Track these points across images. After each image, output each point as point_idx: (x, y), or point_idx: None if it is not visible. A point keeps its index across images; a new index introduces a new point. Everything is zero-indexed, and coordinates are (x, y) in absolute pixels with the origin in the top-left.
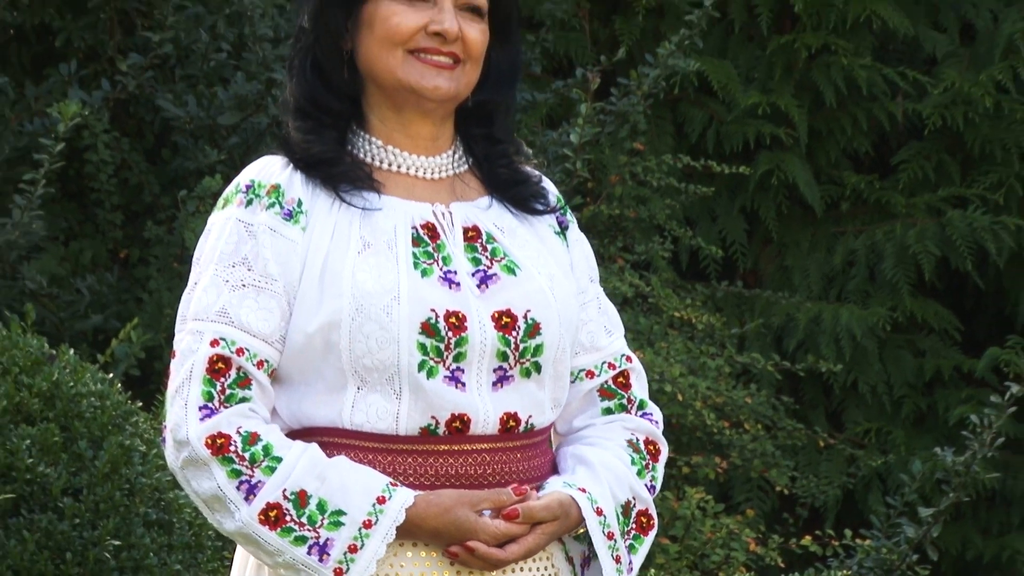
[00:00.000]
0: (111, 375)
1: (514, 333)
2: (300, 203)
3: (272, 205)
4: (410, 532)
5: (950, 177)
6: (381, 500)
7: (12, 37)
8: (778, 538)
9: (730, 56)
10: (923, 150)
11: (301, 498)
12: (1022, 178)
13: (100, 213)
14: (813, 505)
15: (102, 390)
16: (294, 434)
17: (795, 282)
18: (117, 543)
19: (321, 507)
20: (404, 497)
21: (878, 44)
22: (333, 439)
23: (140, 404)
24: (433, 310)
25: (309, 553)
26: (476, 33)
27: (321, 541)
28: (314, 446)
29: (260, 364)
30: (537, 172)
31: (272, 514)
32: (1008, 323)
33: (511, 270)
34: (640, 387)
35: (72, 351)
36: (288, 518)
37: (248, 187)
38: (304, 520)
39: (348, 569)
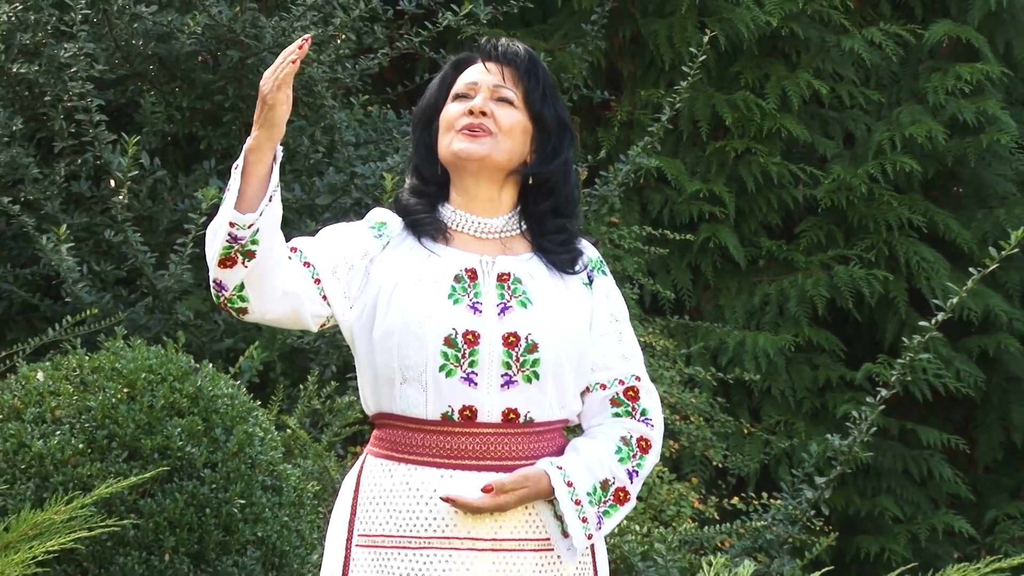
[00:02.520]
0: (239, 382)
1: (516, 349)
2: (392, 237)
3: (374, 227)
4: (258, 137)
5: (837, 242)
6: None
7: (169, 143)
8: (714, 499)
9: (680, 156)
10: (817, 223)
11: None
12: (888, 243)
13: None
14: (739, 475)
15: (232, 393)
16: (374, 417)
17: (726, 316)
18: (242, 502)
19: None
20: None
21: (785, 147)
22: (390, 421)
23: (259, 403)
24: (454, 328)
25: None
26: (504, 113)
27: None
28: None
29: (307, 264)
30: (584, 241)
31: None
32: (878, 346)
33: (524, 304)
34: (648, 400)
35: (211, 365)
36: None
37: (368, 217)
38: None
39: (230, 187)
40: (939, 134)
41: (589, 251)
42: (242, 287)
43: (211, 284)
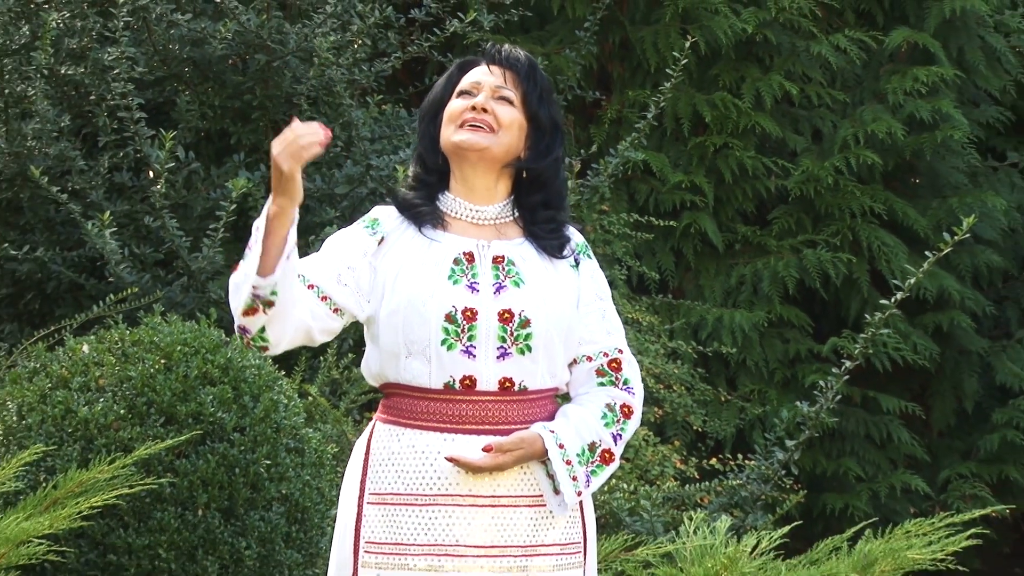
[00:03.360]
0: (265, 356)
1: (511, 324)
2: (388, 232)
3: (368, 226)
4: (279, 188)
5: (805, 228)
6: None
7: (202, 138)
8: (695, 460)
9: (664, 150)
10: (788, 210)
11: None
12: (852, 229)
13: None
14: (717, 439)
15: (259, 364)
16: (382, 387)
17: (706, 295)
18: (268, 462)
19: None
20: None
21: (759, 142)
22: (397, 391)
23: (283, 373)
24: (453, 306)
25: (247, 257)
26: (504, 111)
27: (248, 246)
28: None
29: (311, 287)
30: (572, 228)
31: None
32: (843, 322)
33: (517, 284)
34: (630, 370)
35: (239, 339)
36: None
37: (365, 218)
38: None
39: (253, 246)
40: (898, 130)
41: (575, 237)
42: (263, 329)
43: (236, 329)
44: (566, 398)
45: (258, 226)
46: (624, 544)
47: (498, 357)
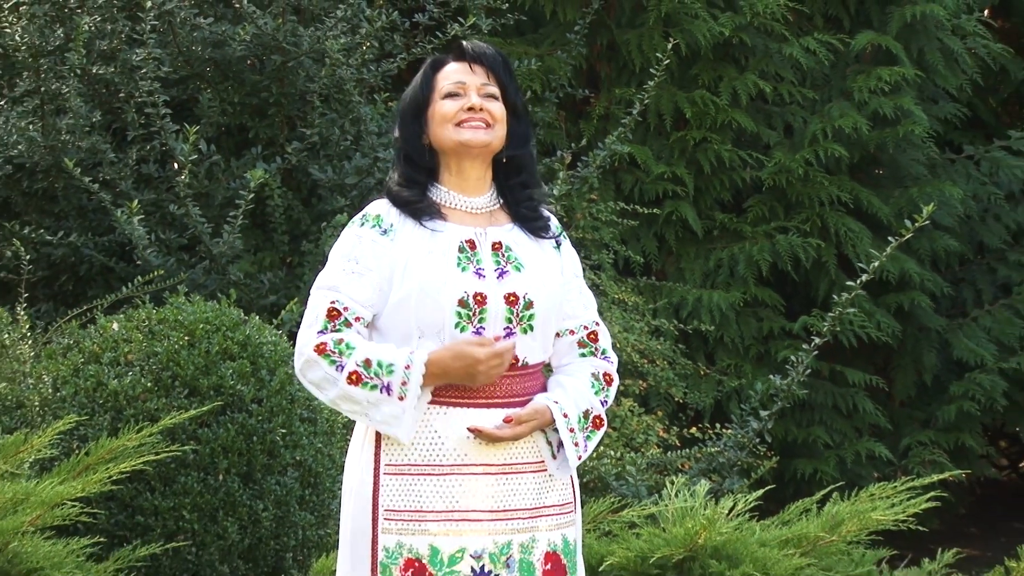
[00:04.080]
0: (280, 332)
1: (516, 306)
2: (392, 225)
3: (375, 226)
4: (436, 371)
5: (778, 215)
6: (411, 353)
7: (223, 132)
8: (676, 429)
9: (648, 143)
10: (762, 199)
11: (367, 364)
12: (821, 216)
13: (275, 235)
14: (697, 409)
15: (275, 340)
16: None
17: (686, 277)
18: (283, 431)
19: (380, 365)
20: (426, 350)
21: (735, 137)
22: None
23: None
24: (465, 291)
25: (380, 392)
26: (495, 107)
27: (384, 383)
28: (371, 342)
29: (357, 318)
30: (547, 212)
31: (353, 376)
32: (812, 302)
33: (518, 268)
34: (605, 341)
35: (257, 318)
36: (363, 376)
37: (364, 215)
38: (372, 375)
39: (406, 395)
40: (863, 126)
41: (553, 221)
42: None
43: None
44: (548, 368)
45: (407, 385)
46: (611, 506)
47: (505, 335)
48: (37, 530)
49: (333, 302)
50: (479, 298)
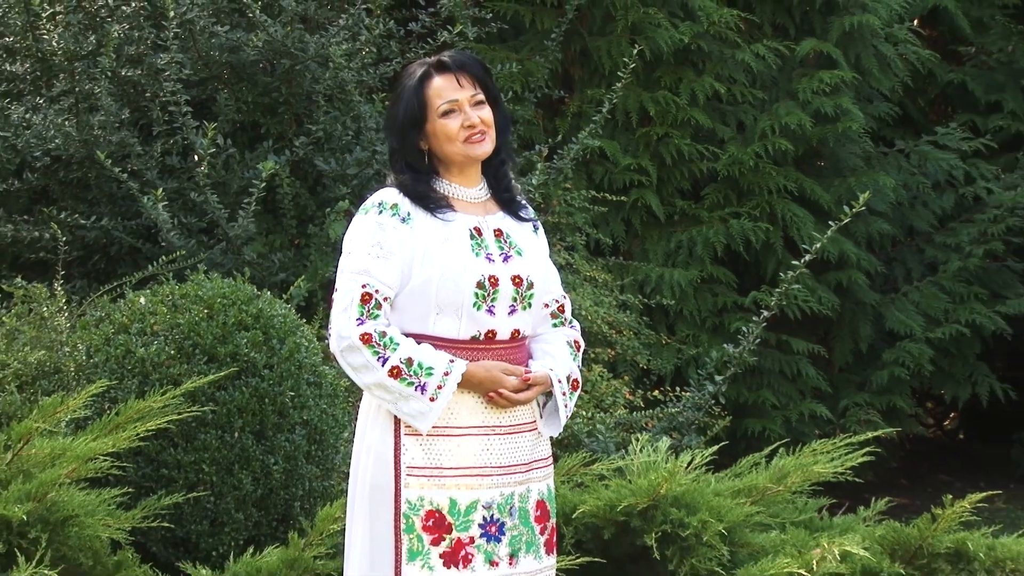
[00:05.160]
0: (290, 305)
1: (521, 287)
2: (409, 214)
3: (394, 214)
4: (466, 380)
5: (731, 202)
6: (451, 362)
7: (237, 128)
8: (641, 392)
9: (616, 138)
10: (717, 188)
11: (409, 362)
12: (769, 203)
13: (284, 220)
14: (659, 374)
15: (285, 313)
16: (408, 335)
17: (650, 257)
18: (292, 394)
19: (420, 366)
20: (464, 362)
21: (693, 132)
22: (425, 341)
23: (304, 321)
24: (482, 274)
25: (415, 390)
26: (487, 114)
27: (421, 383)
28: (411, 340)
29: (385, 299)
30: (520, 195)
31: (395, 371)
32: (762, 279)
33: (519, 253)
34: (569, 311)
35: (268, 293)
36: (403, 373)
37: (381, 203)
38: (411, 373)
39: (437, 397)
40: (807, 122)
41: (528, 208)
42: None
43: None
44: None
45: (442, 389)
46: (583, 460)
47: (509, 313)
48: (73, 482)
49: (365, 285)
50: (493, 280)
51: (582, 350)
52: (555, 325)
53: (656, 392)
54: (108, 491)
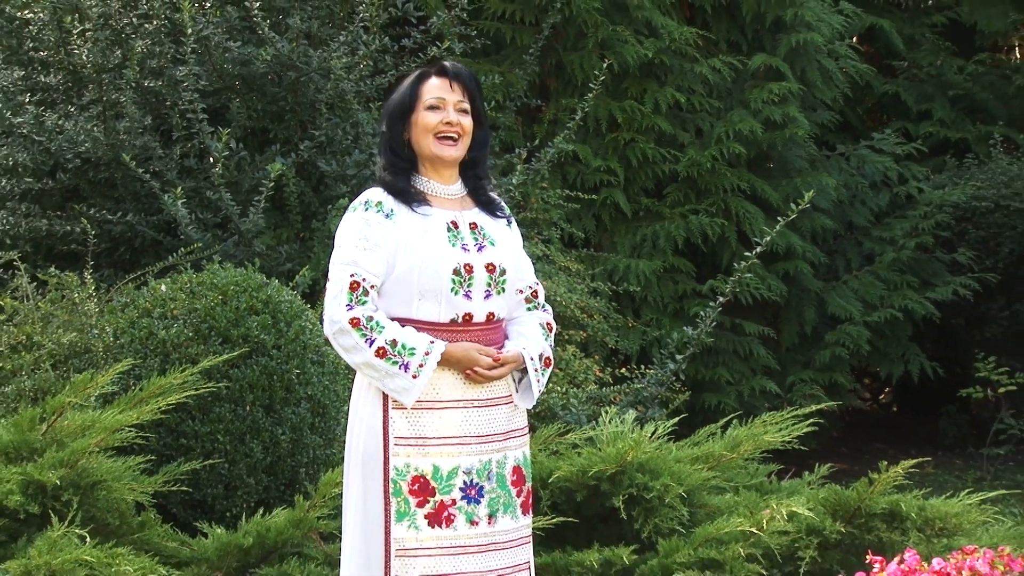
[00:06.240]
0: (295, 292)
1: (494, 274)
2: (392, 210)
3: (379, 211)
4: (445, 359)
5: (691, 200)
6: (431, 343)
7: (248, 133)
8: (610, 369)
9: (588, 143)
10: (678, 187)
11: (394, 343)
12: (724, 201)
13: (290, 216)
14: (626, 354)
15: (291, 299)
16: (393, 319)
17: (618, 249)
18: (297, 371)
19: (403, 347)
20: (443, 343)
21: (657, 137)
22: (408, 323)
23: (309, 305)
24: (458, 262)
25: (399, 369)
26: (467, 122)
27: (404, 362)
28: (396, 323)
29: (372, 287)
30: (498, 197)
31: (380, 351)
32: (718, 268)
33: (492, 243)
34: (542, 296)
35: (276, 281)
36: (389, 353)
37: (366, 202)
38: (396, 353)
39: (419, 375)
40: (758, 129)
41: (503, 205)
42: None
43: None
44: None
45: (423, 367)
46: (558, 431)
47: (485, 297)
48: (101, 450)
49: (353, 275)
50: (468, 267)
51: (554, 331)
52: (529, 309)
53: (623, 370)
54: (133, 459)
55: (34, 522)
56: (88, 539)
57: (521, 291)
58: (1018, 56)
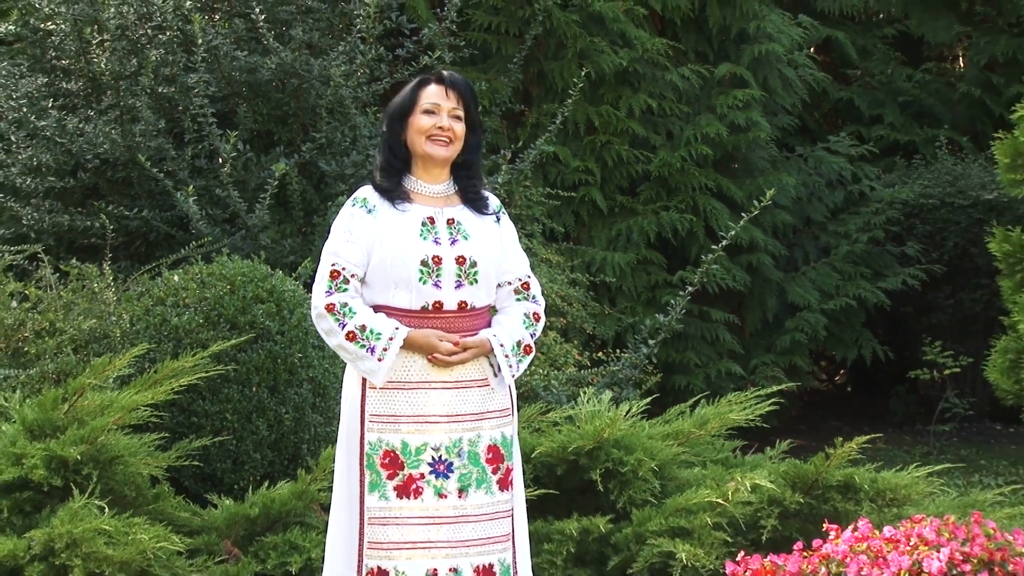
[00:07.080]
0: (298, 282)
1: (464, 266)
2: (375, 207)
3: (363, 207)
4: (408, 344)
5: (662, 197)
6: (396, 329)
7: (255, 136)
8: (588, 353)
9: (567, 144)
10: (651, 186)
11: (363, 328)
12: (693, 198)
13: (293, 212)
14: (603, 339)
15: (294, 288)
16: (374, 307)
17: (595, 242)
18: (300, 355)
19: (371, 332)
20: (407, 329)
21: (631, 140)
22: (386, 310)
23: (310, 295)
24: (426, 254)
25: (367, 352)
26: (459, 127)
27: (371, 346)
28: (369, 308)
29: (352, 275)
30: (491, 196)
31: (350, 335)
32: (687, 260)
33: (466, 237)
34: (535, 289)
35: (280, 272)
36: (358, 337)
37: (355, 199)
38: (364, 337)
39: (384, 358)
40: (723, 132)
41: (494, 201)
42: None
43: (326, 308)
44: (493, 310)
45: (387, 351)
46: (540, 410)
47: (456, 287)
48: (118, 428)
49: (334, 264)
50: (436, 259)
51: (542, 321)
52: (519, 300)
53: (600, 354)
54: (148, 436)
55: (57, 494)
56: (107, 510)
57: (510, 283)
58: (962, 65)
